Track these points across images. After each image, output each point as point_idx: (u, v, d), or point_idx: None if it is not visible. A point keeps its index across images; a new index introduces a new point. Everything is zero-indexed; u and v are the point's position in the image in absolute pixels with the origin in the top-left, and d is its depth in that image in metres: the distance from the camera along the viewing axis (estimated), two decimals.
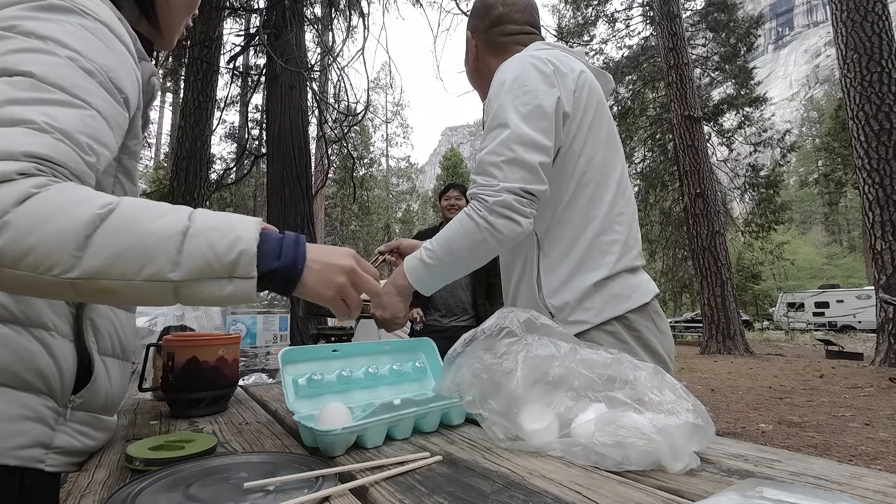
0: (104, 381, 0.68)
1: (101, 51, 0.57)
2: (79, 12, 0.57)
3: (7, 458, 0.55)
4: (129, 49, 0.62)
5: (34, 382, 0.58)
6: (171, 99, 23.49)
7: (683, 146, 11.88)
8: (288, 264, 0.55)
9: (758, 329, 23.32)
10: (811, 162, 49.38)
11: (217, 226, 0.51)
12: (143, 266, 0.47)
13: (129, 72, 0.61)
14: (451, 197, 3.01)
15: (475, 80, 1.22)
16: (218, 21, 7.16)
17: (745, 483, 0.41)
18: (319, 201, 20.43)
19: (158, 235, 0.48)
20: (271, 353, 1.17)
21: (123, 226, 0.48)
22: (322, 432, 0.61)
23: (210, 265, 0.50)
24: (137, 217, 0.49)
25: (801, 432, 3.97)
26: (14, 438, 0.55)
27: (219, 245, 0.50)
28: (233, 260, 0.50)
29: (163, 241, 0.48)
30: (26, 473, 0.57)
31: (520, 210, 0.89)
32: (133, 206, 0.50)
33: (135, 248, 0.47)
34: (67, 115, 0.52)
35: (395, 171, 38.22)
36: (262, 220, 0.56)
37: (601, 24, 18.44)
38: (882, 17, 7.58)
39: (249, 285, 0.52)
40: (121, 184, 0.68)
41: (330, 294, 0.59)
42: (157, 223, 0.49)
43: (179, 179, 6.62)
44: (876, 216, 7.43)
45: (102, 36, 0.58)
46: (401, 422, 0.68)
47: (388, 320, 1.00)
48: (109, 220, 0.47)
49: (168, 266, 0.48)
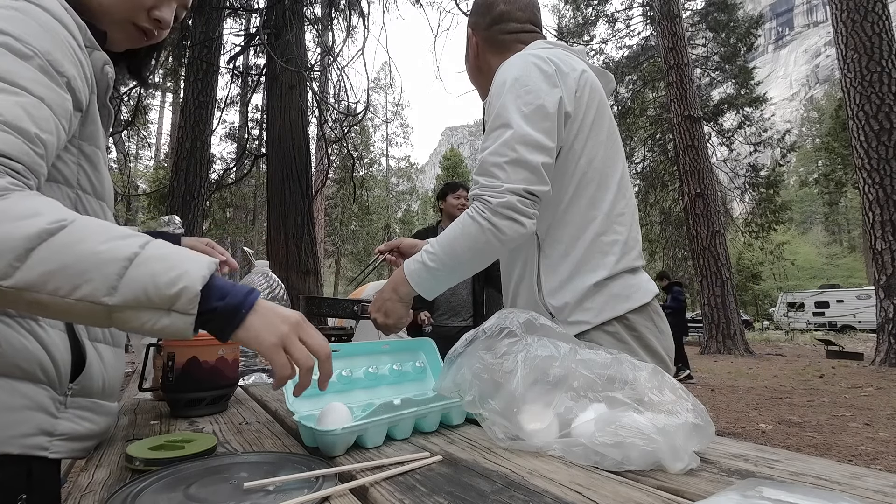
0: (98, 367, 0.69)
1: (38, 33, 0.55)
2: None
3: (11, 446, 0.56)
4: (72, 32, 0.60)
5: (32, 372, 0.59)
6: (171, 99, 23.50)
7: (683, 146, 11.88)
8: (232, 305, 0.53)
9: (758, 329, 23.34)
10: (811, 162, 49.35)
11: (167, 258, 0.51)
12: (77, 286, 0.47)
13: (69, 53, 0.59)
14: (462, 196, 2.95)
15: (476, 78, 1.21)
16: (218, 21, 7.17)
17: (745, 483, 0.41)
18: (319, 201, 20.44)
19: (102, 258, 0.48)
20: None
21: (68, 244, 0.47)
22: (322, 432, 0.60)
23: (148, 296, 0.49)
24: (86, 237, 0.48)
25: (801, 432, 3.97)
26: (17, 427, 0.57)
27: (161, 277, 0.49)
28: (173, 294, 0.49)
29: (104, 264, 0.48)
30: (34, 462, 0.58)
31: (523, 211, 0.89)
32: (87, 227, 0.49)
33: (73, 267, 0.47)
34: (8, 104, 0.50)
35: (395, 171, 38.21)
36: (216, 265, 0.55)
37: (601, 24, 18.45)
38: (882, 17, 7.58)
39: (187, 321, 0.51)
40: (84, 171, 0.66)
41: (273, 340, 0.55)
42: (105, 245, 0.48)
43: (179, 179, 6.62)
44: (876, 216, 7.43)
45: (39, 18, 0.56)
46: (401, 422, 0.68)
47: (392, 327, 0.99)
48: (57, 236, 0.47)
49: (104, 290, 0.47)
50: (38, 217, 0.47)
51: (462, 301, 2.91)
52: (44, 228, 0.46)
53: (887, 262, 7.34)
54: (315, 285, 6.32)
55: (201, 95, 6.95)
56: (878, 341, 7.68)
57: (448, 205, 3.00)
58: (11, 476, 0.57)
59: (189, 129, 6.81)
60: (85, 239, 0.48)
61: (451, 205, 2.97)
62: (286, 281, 5.79)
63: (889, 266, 7.33)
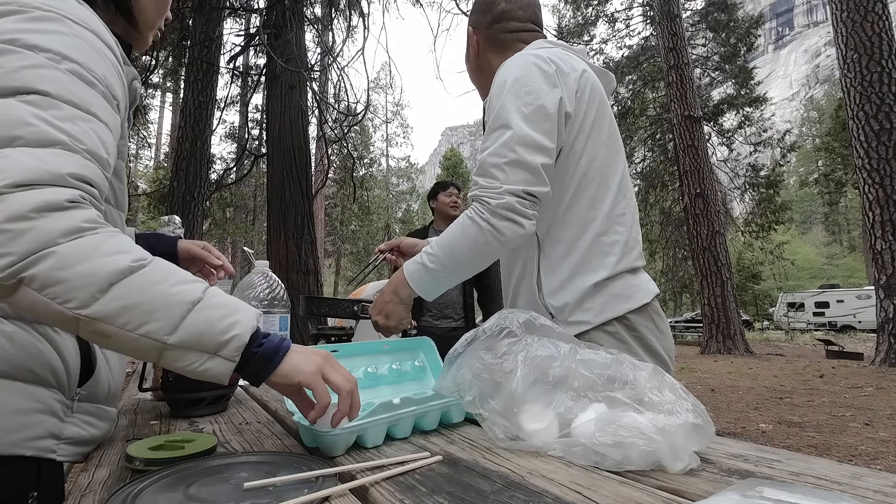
0: (106, 373, 0.71)
1: (96, 59, 0.58)
2: (68, 21, 0.57)
3: (24, 448, 0.58)
4: (115, 54, 0.63)
5: (44, 376, 0.61)
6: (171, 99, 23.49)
7: (683, 146, 11.87)
8: (270, 350, 0.57)
9: (758, 329, 23.32)
10: (811, 162, 49.34)
11: (224, 306, 0.55)
12: (144, 323, 0.50)
13: (118, 77, 0.62)
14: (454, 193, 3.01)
15: (476, 77, 1.21)
16: (218, 21, 7.17)
17: (745, 483, 0.41)
18: (319, 201, 20.43)
19: (171, 300, 0.52)
20: None
21: (145, 283, 0.51)
22: (322, 432, 0.60)
23: (202, 339, 0.53)
24: (161, 279, 0.52)
25: (801, 432, 3.97)
26: (28, 430, 0.59)
27: (218, 324, 0.53)
28: (225, 340, 0.54)
29: (172, 306, 0.52)
30: (42, 462, 0.60)
31: (522, 212, 0.89)
32: (162, 269, 0.53)
33: (145, 305, 0.50)
34: (86, 132, 0.54)
35: (395, 171, 38.20)
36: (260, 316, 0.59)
37: (601, 24, 18.44)
38: (882, 17, 7.58)
39: (228, 366, 0.54)
40: (111, 185, 0.69)
41: (312, 369, 0.59)
42: (175, 288, 0.52)
43: (179, 179, 6.62)
44: (876, 216, 7.43)
45: (93, 44, 0.59)
46: (400, 421, 0.68)
47: (393, 329, 1.00)
48: (137, 274, 0.50)
49: (166, 329, 0.51)
50: (124, 254, 0.51)
51: (452, 302, 2.93)
52: (129, 266, 0.50)
53: (887, 262, 7.34)
54: (315, 285, 6.32)
55: (201, 95, 6.95)
56: (878, 341, 7.68)
57: (440, 203, 3.03)
58: (24, 475, 0.59)
59: (189, 129, 6.81)
60: (161, 280, 0.52)
61: (444, 203, 3.00)
62: (286, 281, 5.79)
63: (889, 266, 7.32)
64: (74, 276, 0.47)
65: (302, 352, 0.60)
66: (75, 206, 0.49)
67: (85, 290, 0.48)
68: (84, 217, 0.49)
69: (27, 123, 0.49)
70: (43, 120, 0.50)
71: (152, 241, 1.02)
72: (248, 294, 1.16)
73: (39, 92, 0.51)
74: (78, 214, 0.49)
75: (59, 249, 0.47)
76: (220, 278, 1.06)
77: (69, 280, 0.47)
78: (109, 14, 0.69)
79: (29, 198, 0.46)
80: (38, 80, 0.52)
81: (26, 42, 0.53)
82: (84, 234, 0.48)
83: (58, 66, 0.53)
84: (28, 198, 0.46)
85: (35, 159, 0.48)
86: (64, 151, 0.50)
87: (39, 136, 0.50)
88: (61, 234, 0.47)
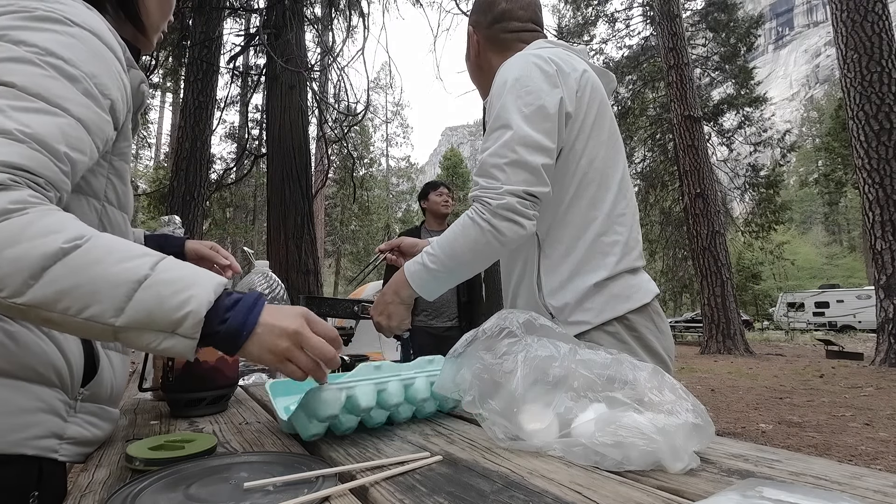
0: (109, 373, 0.72)
1: (89, 59, 0.59)
2: (68, 22, 0.58)
3: (26, 447, 0.58)
4: (118, 56, 0.64)
5: (48, 376, 0.61)
6: (171, 99, 23.48)
7: (683, 146, 11.87)
8: (234, 328, 0.54)
9: (758, 329, 23.31)
10: (811, 162, 49.33)
11: (176, 282, 0.52)
12: (86, 306, 0.48)
13: (116, 78, 0.63)
14: (444, 193, 3.08)
15: (476, 77, 1.21)
16: (218, 21, 7.16)
17: (745, 483, 0.41)
18: (319, 201, 20.43)
19: (112, 280, 0.49)
20: None
21: (82, 265, 0.48)
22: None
23: (153, 318, 0.50)
24: (101, 258, 0.49)
25: (801, 432, 3.97)
26: (31, 429, 0.59)
27: (168, 301, 0.50)
28: (178, 318, 0.51)
29: (114, 287, 0.49)
30: (44, 462, 0.60)
31: (522, 212, 0.89)
32: (102, 246, 0.50)
33: (84, 287, 0.48)
34: (45, 123, 0.53)
35: (395, 171, 38.21)
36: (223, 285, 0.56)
37: (601, 24, 18.44)
38: (882, 16, 7.58)
39: (188, 344, 0.52)
40: (112, 185, 0.70)
41: (271, 358, 0.57)
42: (118, 267, 0.50)
43: (179, 179, 6.62)
44: (876, 216, 7.43)
45: (90, 44, 0.60)
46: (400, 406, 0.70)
47: (394, 329, 1.00)
48: (71, 256, 0.48)
49: (111, 311, 0.49)
50: (55, 235, 0.48)
51: (446, 301, 2.95)
52: (60, 248, 0.47)
53: (887, 262, 7.34)
54: (315, 285, 6.32)
55: (201, 95, 6.95)
56: (878, 341, 7.68)
57: (431, 202, 3.07)
58: (25, 475, 0.59)
59: (189, 129, 6.81)
60: (99, 260, 0.49)
61: (435, 202, 3.05)
62: (286, 281, 5.79)
63: (889, 266, 7.32)
64: (2, 262, 0.45)
65: (263, 336, 0.56)
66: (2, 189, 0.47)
67: (16, 276, 0.46)
68: (11, 199, 0.47)
69: None
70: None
71: (161, 241, 1.03)
72: None
73: (6, 84, 0.52)
74: (4, 196, 0.47)
75: None
76: (228, 278, 1.06)
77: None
78: (119, 20, 0.71)
79: None
80: (9, 73, 0.52)
81: (14, 37, 0.54)
82: (10, 216, 0.46)
83: (37, 61, 0.54)
84: None
85: None
86: (7, 141, 0.49)
87: None
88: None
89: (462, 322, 2.96)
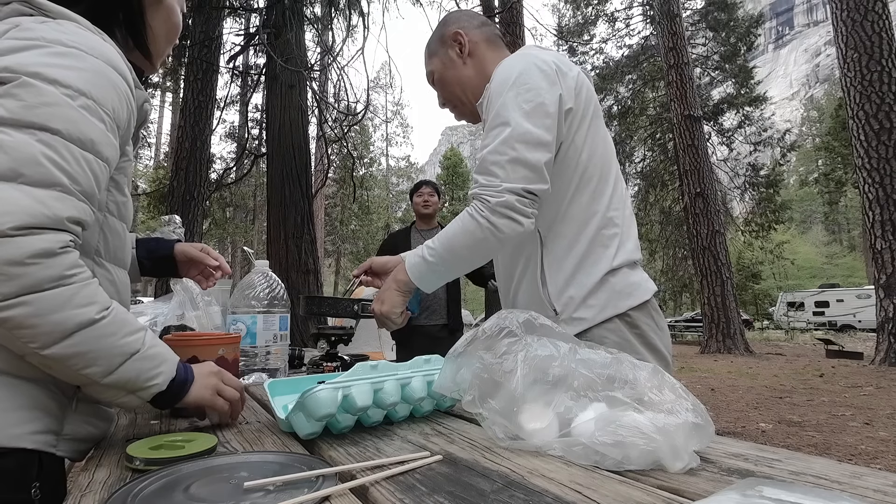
0: None
1: (110, 94, 0.63)
2: (89, 57, 0.61)
3: (25, 441, 0.60)
4: (128, 81, 0.67)
5: (43, 375, 0.62)
6: (171, 99, 23.48)
7: (683, 145, 11.88)
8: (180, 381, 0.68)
9: (758, 328, 23.30)
10: (811, 161, 49.32)
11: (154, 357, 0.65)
12: (88, 366, 0.58)
13: (126, 104, 0.67)
14: (425, 193, 3.17)
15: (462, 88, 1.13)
16: (218, 21, 7.16)
17: (745, 482, 0.41)
18: (319, 201, 20.43)
19: (115, 351, 0.60)
20: (271, 353, 1.17)
21: (101, 335, 0.59)
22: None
23: (128, 383, 0.62)
24: (113, 332, 0.60)
25: (801, 431, 3.98)
26: (29, 424, 0.60)
27: (146, 374, 0.63)
28: (146, 387, 0.64)
29: (114, 356, 0.60)
30: (43, 455, 0.62)
31: (521, 210, 0.89)
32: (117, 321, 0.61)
33: (94, 353, 0.58)
34: (86, 171, 0.59)
35: (395, 171, 38.24)
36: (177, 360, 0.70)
37: (601, 24, 18.46)
38: (882, 16, 7.58)
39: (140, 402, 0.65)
40: (112, 197, 0.73)
41: (207, 395, 0.71)
42: (122, 340, 0.61)
43: (179, 179, 6.61)
44: (876, 215, 7.43)
45: (109, 77, 0.63)
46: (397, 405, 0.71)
47: (386, 314, 1.00)
48: (97, 325, 0.58)
49: (103, 372, 0.60)
50: (91, 306, 0.58)
51: (438, 300, 3.04)
52: (91, 318, 0.57)
53: (887, 261, 7.34)
54: (315, 285, 6.31)
55: (201, 95, 6.94)
56: (878, 341, 7.68)
57: (414, 203, 3.22)
58: (25, 466, 0.60)
59: (189, 129, 6.80)
60: (114, 332, 0.60)
61: (417, 203, 3.18)
62: (286, 280, 5.79)
63: (889, 265, 7.33)
64: (46, 323, 0.54)
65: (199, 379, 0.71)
66: (65, 252, 0.55)
67: (51, 335, 0.54)
68: (69, 263, 0.56)
69: (37, 163, 0.54)
70: (50, 160, 0.55)
71: (152, 245, 1.03)
72: (248, 294, 1.16)
73: (52, 130, 0.56)
74: (66, 261, 0.55)
75: (39, 297, 0.53)
76: (218, 278, 1.06)
77: (40, 326, 0.54)
78: (127, 49, 0.73)
79: (30, 244, 0.52)
80: (53, 119, 0.56)
81: (47, 76, 0.57)
82: (64, 283, 0.55)
83: (73, 103, 0.58)
84: (29, 243, 0.52)
85: (36, 202, 0.53)
86: (62, 194, 0.56)
87: (42, 177, 0.54)
88: (48, 281, 0.53)
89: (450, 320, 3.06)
